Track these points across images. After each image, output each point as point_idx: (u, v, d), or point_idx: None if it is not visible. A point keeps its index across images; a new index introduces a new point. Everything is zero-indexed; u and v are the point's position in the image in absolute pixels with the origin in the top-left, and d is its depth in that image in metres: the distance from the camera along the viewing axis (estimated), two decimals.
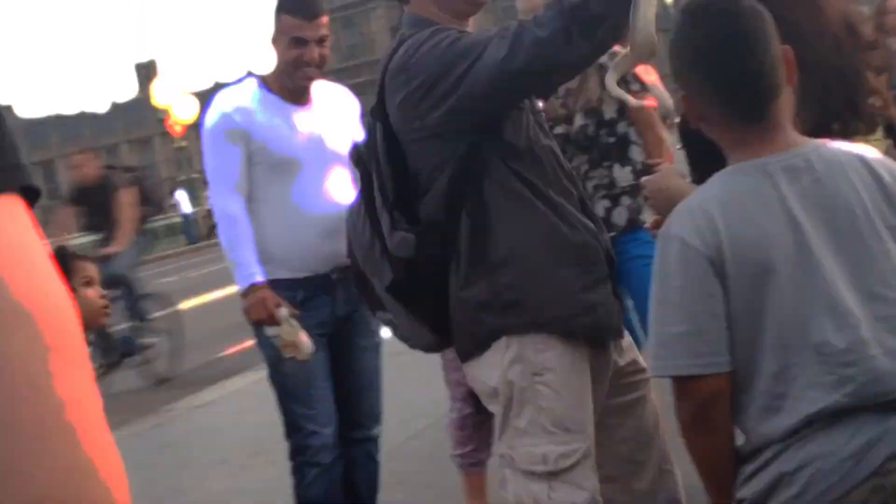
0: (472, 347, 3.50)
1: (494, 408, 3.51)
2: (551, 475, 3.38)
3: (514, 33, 3.28)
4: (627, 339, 3.72)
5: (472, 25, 3.67)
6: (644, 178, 3.48)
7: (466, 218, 3.43)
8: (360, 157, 3.68)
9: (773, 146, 2.66)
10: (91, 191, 12.12)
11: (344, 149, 4.92)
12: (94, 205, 12.00)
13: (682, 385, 2.65)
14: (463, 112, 3.36)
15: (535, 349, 3.40)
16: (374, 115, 3.59)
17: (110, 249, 11.49)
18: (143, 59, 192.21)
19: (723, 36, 2.69)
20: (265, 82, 5.06)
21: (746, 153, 2.68)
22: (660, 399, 3.61)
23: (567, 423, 3.41)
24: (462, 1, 3.55)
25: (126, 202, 11.77)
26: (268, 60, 5.13)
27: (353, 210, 3.74)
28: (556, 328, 3.43)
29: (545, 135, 3.60)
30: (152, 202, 13.80)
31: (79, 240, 14.31)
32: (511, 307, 3.41)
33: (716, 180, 2.73)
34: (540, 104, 3.72)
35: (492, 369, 3.45)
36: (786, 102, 2.68)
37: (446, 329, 3.56)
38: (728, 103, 2.69)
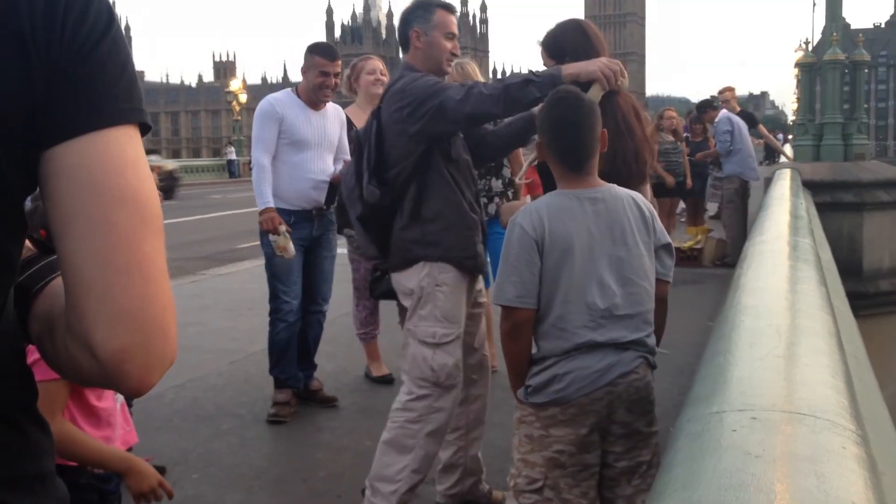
0: (401, 264, 3.54)
1: (407, 301, 3.55)
2: (436, 345, 3.47)
3: (470, 86, 3.34)
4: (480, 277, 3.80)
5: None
6: (502, 206, 3.61)
7: (413, 189, 3.48)
8: (359, 138, 3.67)
9: (584, 184, 2.71)
10: None
11: (334, 139, 5.04)
12: None
13: (507, 311, 2.67)
14: (430, 126, 3.40)
15: (440, 270, 3.48)
16: (374, 116, 3.60)
17: None
18: (221, 59, 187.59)
19: (566, 118, 2.74)
20: (297, 91, 5.13)
21: (569, 186, 2.73)
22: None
23: (450, 316, 3.50)
24: (433, 69, 3.55)
25: None
26: (297, 71, 5.18)
27: (348, 168, 3.75)
28: (454, 262, 3.50)
29: (466, 152, 3.65)
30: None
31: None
32: (431, 245, 3.48)
33: (548, 197, 2.78)
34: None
35: (411, 278, 3.51)
36: (596, 160, 2.74)
37: (384, 248, 3.60)
38: (562, 158, 2.74)
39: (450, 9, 3.66)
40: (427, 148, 3.47)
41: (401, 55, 3.78)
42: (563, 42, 3.37)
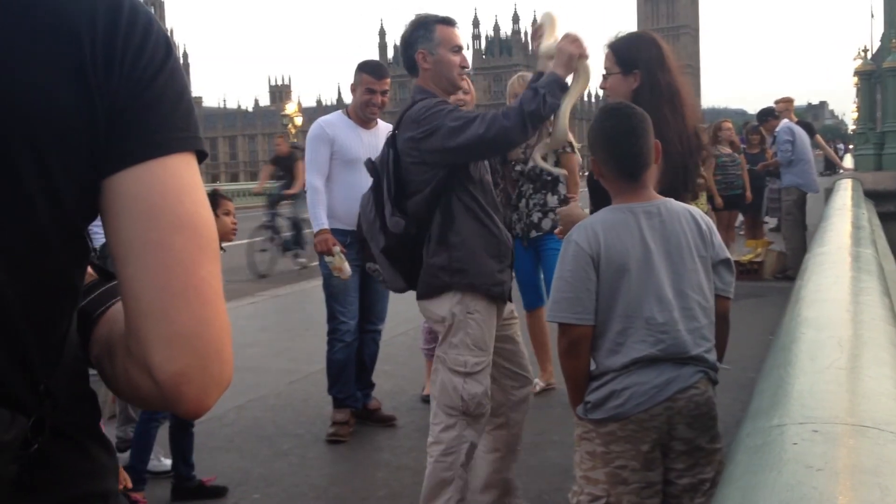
0: (429, 292, 3.50)
1: (439, 328, 3.53)
2: (467, 374, 3.44)
3: (491, 119, 3.32)
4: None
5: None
6: (559, 209, 3.55)
7: (438, 215, 3.45)
8: (374, 166, 3.65)
9: (639, 198, 2.69)
10: (283, 158, 13.29)
11: None
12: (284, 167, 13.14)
13: (563, 328, 2.65)
14: (449, 156, 3.38)
15: (470, 299, 3.45)
16: (388, 144, 3.57)
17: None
18: (277, 83, 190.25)
19: (620, 128, 2.70)
20: (347, 112, 5.18)
21: (623, 199, 2.70)
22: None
23: (480, 344, 3.47)
24: (446, 88, 3.55)
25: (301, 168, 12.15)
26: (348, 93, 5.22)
27: (365, 197, 3.68)
28: (482, 290, 3.47)
29: (488, 174, 3.62)
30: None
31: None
32: (458, 272, 3.44)
33: (603, 212, 2.75)
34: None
35: (442, 306, 3.47)
36: (651, 173, 2.71)
37: (412, 279, 3.56)
38: (617, 170, 2.71)
39: (449, 22, 3.61)
40: (448, 173, 3.43)
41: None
42: (637, 53, 3.31)
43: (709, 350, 2.67)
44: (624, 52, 3.32)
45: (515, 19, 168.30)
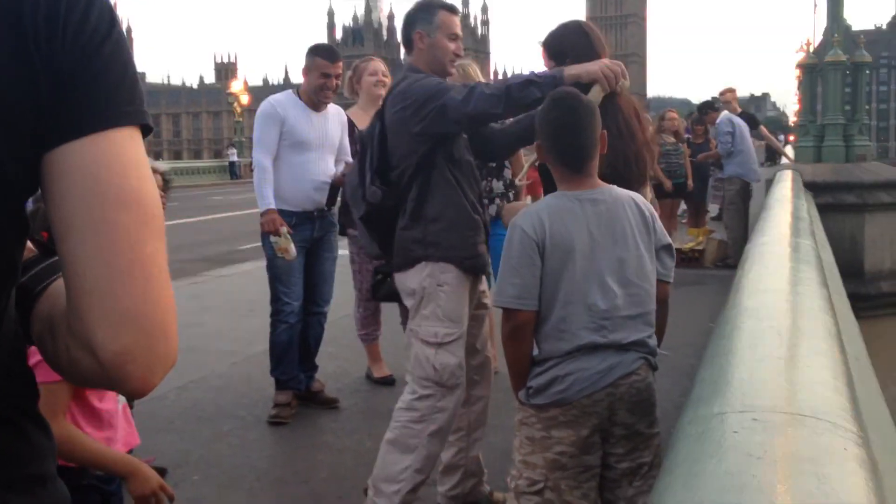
0: (403, 264, 3.54)
1: (410, 302, 3.55)
2: (438, 345, 3.46)
3: (472, 87, 3.37)
4: (484, 279, 3.80)
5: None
6: (504, 207, 3.61)
7: (416, 189, 3.49)
8: (363, 138, 3.70)
9: (584, 186, 2.71)
10: None
11: (335, 140, 5.06)
12: None
13: (508, 313, 2.67)
14: (432, 126, 3.40)
15: (441, 270, 3.48)
16: (377, 117, 3.62)
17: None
18: (223, 60, 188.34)
19: (566, 119, 2.73)
20: (298, 93, 5.14)
21: (570, 187, 2.72)
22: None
23: (452, 316, 3.49)
24: (437, 71, 3.56)
25: None
26: (298, 72, 5.19)
27: (352, 168, 3.77)
28: (455, 261, 3.50)
29: (469, 153, 3.65)
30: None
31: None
32: (432, 245, 3.48)
33: (548, 199, 2.78)
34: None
35: (413, 279, 3.51)
36: (595, 162, 2.74)
37: (386, 247, 3.61)
38: (563, 160, 2.74)
39: (452, 10, 3.67)
40: (430, 148, 3.47)
41: (402, 56, 3.79)
42: (564, 43, 3.37)
43: (650, 336, 2.72)
44: (553, 45, 3.40)
45: (368, 10, 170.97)
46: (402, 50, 3.78)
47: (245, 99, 50.07)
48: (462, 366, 3.52)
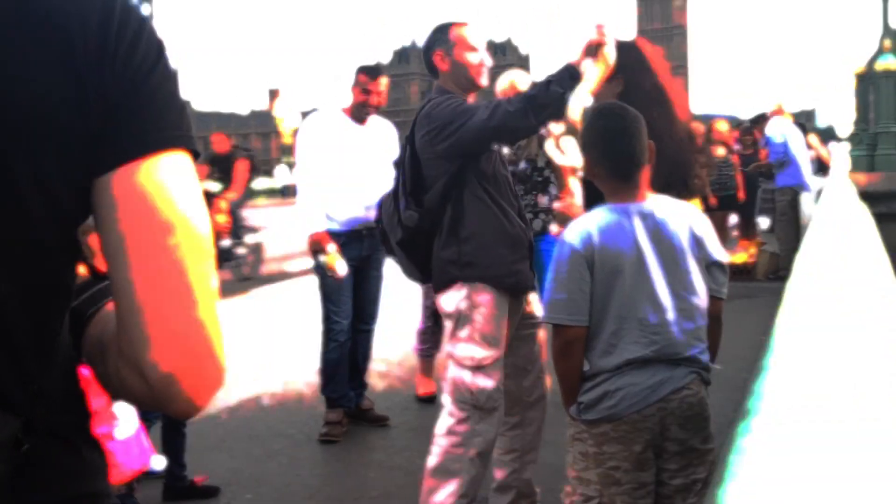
0: (440, 285, 3.53)
1: (448, 323, 3.54)
2: (475, 368, 3.43)
3: (495, 105, 3.36)
4: (532, 296, 3.75)
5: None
6: (555, 204, 3.55)
7: (450, 209, 3.48)
8: (396, 164, 3.73)
9: (633, 197, 2.68)
10: (220, 158, 11.58)
11: (380, 153, 5.09)
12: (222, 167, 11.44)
13: (558, 329, 2.65)
14: (458, 147, 3.41)
15: (477, 291, 3.45)
16: (407, 141, 3.63)
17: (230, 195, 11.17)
18: (273, 86, 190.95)
19: (613, 129, 2.70)
20: (343, 109, 5.19)
21: (617, 199, 2.69)
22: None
23: (489, 339, 3.45)
24: (466, 87, 3.58)
25: (242, 168, 11.46)
26: (344, 96, 5.27)
27: (387, 194, 3.77)
28: (490, 281, 3.47)
29: (504, 167, 3.64)
30: (256, 170, 13.57)
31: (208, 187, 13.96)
32: (467, 265, 3.46)
33: (597, 212, 2.74)
34: (505, 150, 3.73)
35: (450, 301, 3.49)
36: (645, 173, 2.71)
37: (426, 271, 3.61)
38: (611, 170, 2.71)
39: (466, 24, 3.67)
40: (459, 167, 3.46)
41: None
42: (618, 59, 3.34)
43: (702, 351, 2.67)
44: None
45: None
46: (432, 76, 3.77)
47: (292, 120, 50.37)
48: (500, 389, 3.48)
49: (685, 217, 2.72)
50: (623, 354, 2.58)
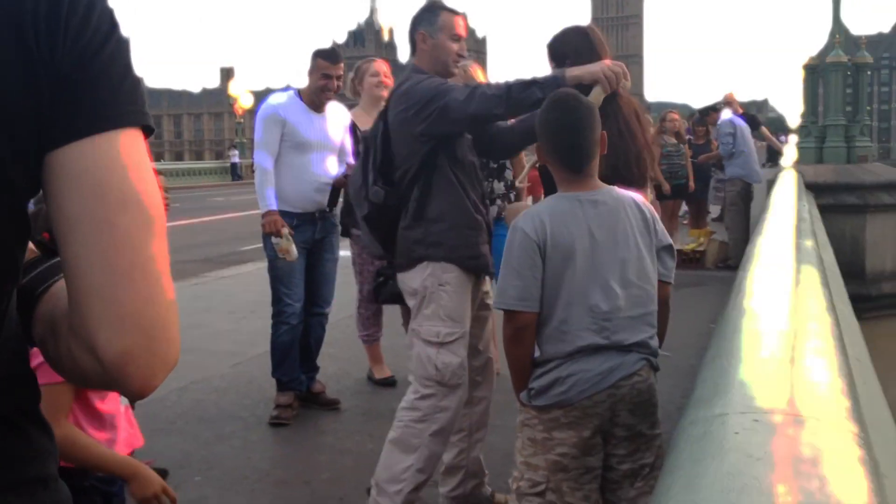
0: (406, 264, 3.55)
1: (412, 301, 3.56)
2: (440, 345, 3.46)
3: (474, 87, 3.40)
4: (488, 280, 3.80)
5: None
6: (507, 208, 3.59)
7: (418, 189, 3.50)
8: (366, 139, 3.72)
9: (585, 187, 2.71)
10: None
11: (336, 141, 5.07)
12: None
13: (509, 315, 2.67)
14: (435, 126, 3.42)
15: (443, 270, 3.48)
16: (381, 118, 3.63)
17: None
18: (226, 65, 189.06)
19: (565, 120, 2.73)
20: (300, 94, 5.15)
21: (570, 188, 2.72)
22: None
23: (454, 315, 3.49)
24: (440, 72, 3.57)
25: None
26: (301, 77, 5.23)
27: (356, 168, 3.79)
28: (456, 261, 3.51)
29: (471, 153, 3.66)
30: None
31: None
32: (434, 245, 3.49)
33: (549, 200, 2.79)
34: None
35: (415, 278, 3.51)
36: (596, 163, 2.73)
37: (389, 247, 3.63)
38: (563, 161, 2.73)
39: (455, 12, 3.68)
40: (432, 149, 3.48)
41: (399, 58, 3.79)
42: (566, 46, 3.40)
43: (652, 337, 2.71)
44: (555, 47, 3.45)
45: (371, 13, 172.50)
46: (409, 51, 3.78)
47: (246, 100, 49.91)
48: (464, 365, 3.52)
49: (634, 204, 2.75)
50: (574, 341, 2.61)
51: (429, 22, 3.61)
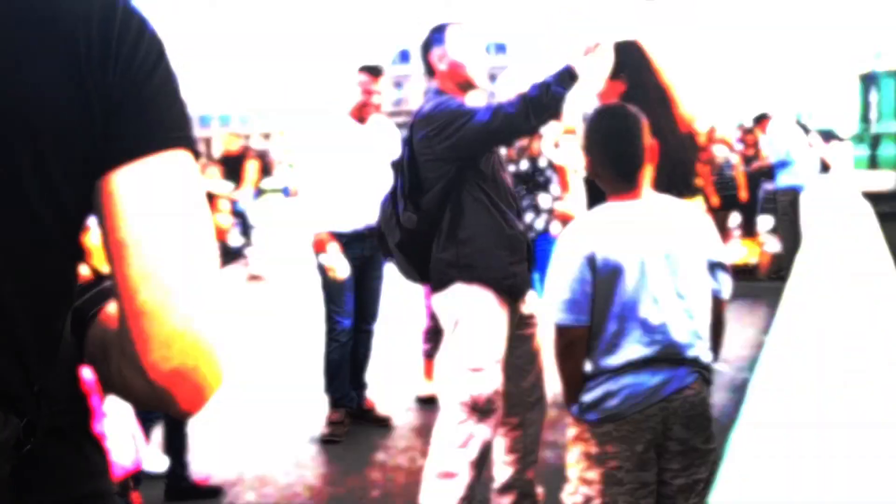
0: (439, 285, 3.52)
1: (446, 324, 3.54)
2: (474, 370, 3.43)
3: (496, 107, 3.34)
4: (531, 296, 3.74)
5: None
6: (557, 205, 3.54)
7: (448, 212, 3.47)
8: (395, 166, 3.71)
9: (634, 197, 2.68)
10: (230, 158, 11.55)
11: (384, 153, 5.08)
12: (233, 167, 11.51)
13: (560, 329, 2.65)
14: (458, 149, 3.40)
15: (476, 292, 3.45)
16: (405, 143, 3.62)
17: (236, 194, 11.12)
18: (274, 86, 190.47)
19: (615, 129, 2.71)
20: (346, 110, 5.19)
21: (619, 199, 2.70)
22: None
23: (487, 340, 3.45)
24: (464, 87, 3.57)
25: (251, 168, 11.50)
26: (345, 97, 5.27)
27: (386, 196, 3.75)
28: (489, 283, 3.47)
29: (503, 169, 3.64)
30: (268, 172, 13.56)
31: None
32: (466, 268, 3.45)
33: (600, 209, 2.75)
34: (503, 150, 3.73)
35: (448, 302, 3.49)
36: (646, 172, 2.71)
37: (425, 274, 3.59)
38: (613, 170, 2.70)
39: (463, 23, 3.66)
40: (458, 169, 3.45)
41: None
42: (621, 59, 3.35)
43: (704, 351, 2.67)
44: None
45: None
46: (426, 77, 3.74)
47: (298, 119, 50.01)
48: (498, 391, 3.47)
49: (688, 216, 2.72)
50: (626, 354, 2.58)
51: (438, 40, 3.60)
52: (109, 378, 0.97)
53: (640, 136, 2.68)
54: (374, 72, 5.19)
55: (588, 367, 2.68)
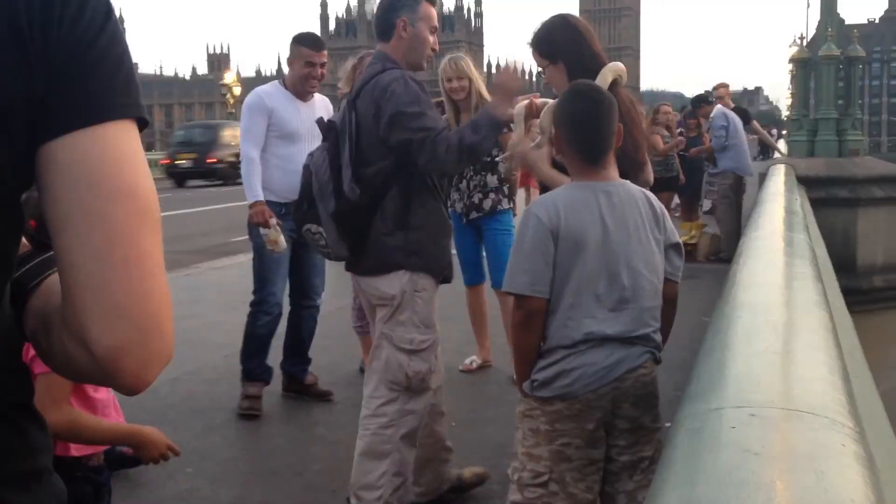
0: (380, 268, 3.45)
1: (383, 307, 3.48)
2: (413, 352, 3.45)
3: (460, 139, 3.32)
4: None
5: None
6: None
7: (396, 193, 3.40)
8: (332, 127, 3.56)
9: (599, 177, 2.70)
10: None
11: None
12: None
13: (520, 300, 2.65)
14: (403, 151, 3.35)
15: (419, 278, 3.45)
16: (351, 107, 3.48)
17: None
18: (216, 51, 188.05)
19: (585, 111, 2.72)
20: (285, 83, 5.12)
21: (584, 178, 2.71)
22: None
23: (427, 322, 3.48)
24: (413, 64, 3.51)
25: None
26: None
27: (317, 154, 3.55)
28: (432, 271, 3.49)
29: None
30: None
31: None
32: (413, 254, 3.43)
33: (564, 188, 2.77)
34: None
35: (391, 285, 3.43)
36: (611, 155, 2.73)
37: (356, 248, 3.48)
38: (580, 150, 2.72)
39: (433, 2, 3.61)
40: (406, 153, 3.38)
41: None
42: (554, 41, 3.36)
43: (656, 330, 2.71)
44: (542, 43, 3.39)
45: (361, 2, 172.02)
46: (378, 38, 3.61)
47: (237, 90, 49.57)
48: (432, 370, 3.51)
49: (646, 199, 2.76)
50: (580, 328, 2.60)
51: (411, 9, 3.48)
52: (51, 352, 0.95)
53: (610, 120, 2.71)
54: (315, 44, 5.11)
55: (542, 343, 2.69)
